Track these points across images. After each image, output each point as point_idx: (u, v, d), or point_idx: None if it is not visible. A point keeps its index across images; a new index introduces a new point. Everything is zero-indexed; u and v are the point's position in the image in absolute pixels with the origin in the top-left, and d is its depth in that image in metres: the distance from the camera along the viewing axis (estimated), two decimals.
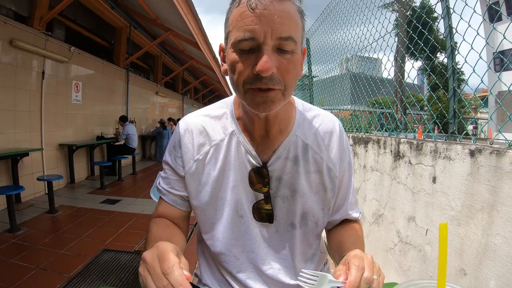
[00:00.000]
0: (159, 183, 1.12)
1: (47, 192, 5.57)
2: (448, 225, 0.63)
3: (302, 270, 0.80)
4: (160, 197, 1.11)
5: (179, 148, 1.05)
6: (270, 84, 0.80)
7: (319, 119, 1.08)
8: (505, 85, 1.64)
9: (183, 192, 1.07)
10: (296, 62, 0.86)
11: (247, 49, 0.80)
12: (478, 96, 2.04)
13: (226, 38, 0.87)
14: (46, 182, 5.59)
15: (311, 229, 1.07)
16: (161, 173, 1.12)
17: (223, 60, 0.95)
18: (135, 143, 9.18)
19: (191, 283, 0.67)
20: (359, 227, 1.15)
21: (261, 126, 0.99)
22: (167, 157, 1.09)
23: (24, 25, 5.93)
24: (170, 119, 13.63)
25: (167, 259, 0.66)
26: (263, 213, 1.02)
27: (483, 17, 1.76)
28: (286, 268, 1.05)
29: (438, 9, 2.23)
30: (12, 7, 6.11)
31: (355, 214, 1.15)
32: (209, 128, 1.04)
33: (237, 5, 0.81)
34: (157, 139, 12.76)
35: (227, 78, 0.92)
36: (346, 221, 1.16)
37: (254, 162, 1.00)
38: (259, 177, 1.00)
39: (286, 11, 0.79)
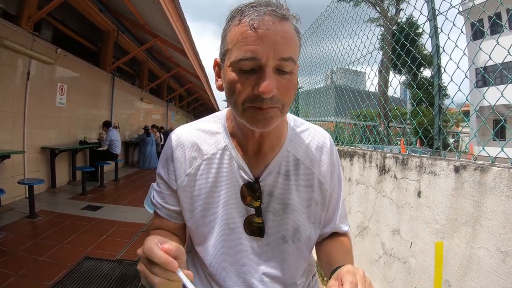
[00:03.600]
0: (153, 197, 1.11)
1: (27, 196, 5.45)
2: (443, 243, 0.65)
3: None
4: (155, 211, 1.12)
5: (171, 161, 1.05)
6: (270, 104, 0.80)
7: (310, 134, 1.10)
8: (489, 102, 1.70)
9: (177, 207, 1.07)
10: (295, 82, 0.87)
11: (248, 69, 0.80)
12: (459, 113, 2.10)
13: (224, 55, 0.87)
14: (27, 186, 5.47)
15: (305, 243, 1.07)
16: (155, 186, 1.12)
17: (218, 76, 0.94)
18: (118, 149, 9.05)
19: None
20: (348, 240, 1.16)
21: (255, 142, 0.99)
22: (160, 170, 1.09)
23: (12, 24, 5.84)
24: (154, 126, 13.54)
25: (146, 244, 0.69)
26: (255, 227, 1.02)
27: (470, 38, 1.82)
28: (276, 282, 1.05)
29: (426, 28, 2.30)
30: (0, 5, 6.03)
31: (344, 228, 1.16)
32: (201, 142, 1.04)
33: (238, 24, 0.80)
34: (140, 145, 12.65)
35: (221, 93, 0.92)
36: (336, 234, 1.17)
37: (246, 177, 1.00)
38: (251, 191, 1.00)
39: (287, 31, 0.80)
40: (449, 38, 1.99)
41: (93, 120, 9.66)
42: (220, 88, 0.93)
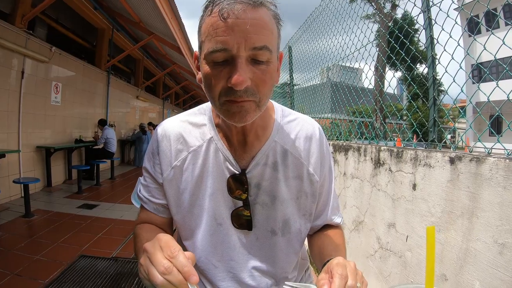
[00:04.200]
0: (139, 191, 1.10)
1: (23, 195, 5.45)
2: (435, 228, 0.64)
3: (285, 283, 0.79)
4: (142, 205, 1.10)
5: (157, 154, 1.04)
6: (244, 96, 0.79)
7: (299, 124, 1.08)
8: (485, 94, 1.68)
9: (163, 201, 1.06)
10: (272, 72, 0.84)
11: (220, 61, 0.78)
12: (455, 107, 2.09)
13: (200, 48, 0.85)
14: (22, 185, 5.47)
15: (295, 236, 1.05)
16: (141, 179, 1.11)
17: (198, 69, 0.92)
18: (114, 147, 9.03)
19: None
20: (341, 233, 1.15)
21: (238, 132, 0.98)
22: (146, 163, 1.08)
23: (5, 22, 5.79)
24: (150, 124, 13.51)
25: (170, 246, 0.68)
26: (243, 220, 1.00)
27: (463, 29, 1.80)
28: (267, 276, 1.04)
29: (420, 20, 2.29)
30: None
31: (337, 220, 1.14)
32: (186, 134, 1.03)
33: (209, 14, 0.78)
34: (136, 143, 12.61)
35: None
36: (328, 227, 1.15)
37: (233, 169, 0.99)
38: (238, 184, 0.99)
39: (260, 19, 0.77)
40: (443, 29, 1.97)
41: (88, 119, 9.63)
42: (200, 81, 0.90)
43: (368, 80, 3.20)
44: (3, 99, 5.92)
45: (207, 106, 1.09)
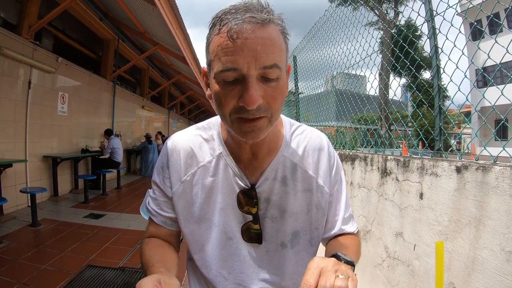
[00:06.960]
0: (148, 203, 1.11)
1: (30, 204, 5.49)
2: (444, 242, 0.65)
3: None
4: (150, 218, 1.11)
5: (167, 168, 1.04)
6: (256, 114, 0.79)
7: (307, 137, 1.08)
8: (489, 102, 1.69)
9: (172, 214, 1.06)
10: (282, 88, 0.83)
11: (231, 80, 0.77)
12: (460, 112, 2.10)
13: (209, 65, 0.85)
14: (29, 194, 5.50)
15: (305, 248, 1.06)
16: (150, 192, 1.12)
17: (207, 85, 0.91)
18: (120, 157, 9.07)
19: None
20: (355, 237, 1.13)
21: (248, 150, 0.98)
22: (155, 177, 1.08)
23: (12, 33, 5.90)
24: (159, 133, 13.60)
25: None
26: (253, 234, 1.01)
27: (469, 38, 1.82)
28: None
29: (424, 30, 2.30)
30: (0, 14, 6.11)
31: (350, 229, 1.12)
32: (196, 149, 1.04)
33: (217, 33, 0.77)
34: (142, 153, 12.66)
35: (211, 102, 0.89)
36: (342, 234, 1.14)
37: (242, 184, 0.99)
38: (248, 198, 0.99)
39: (269, 37, 0.76)
40: (447, 38, 1.99)
41: (94, 129, 9.72)
42: (210, 97, 0.90)
43: (373, 89, 3.21)
44: (10, 109, 5.99)
45: (216, 120, 1.09)
